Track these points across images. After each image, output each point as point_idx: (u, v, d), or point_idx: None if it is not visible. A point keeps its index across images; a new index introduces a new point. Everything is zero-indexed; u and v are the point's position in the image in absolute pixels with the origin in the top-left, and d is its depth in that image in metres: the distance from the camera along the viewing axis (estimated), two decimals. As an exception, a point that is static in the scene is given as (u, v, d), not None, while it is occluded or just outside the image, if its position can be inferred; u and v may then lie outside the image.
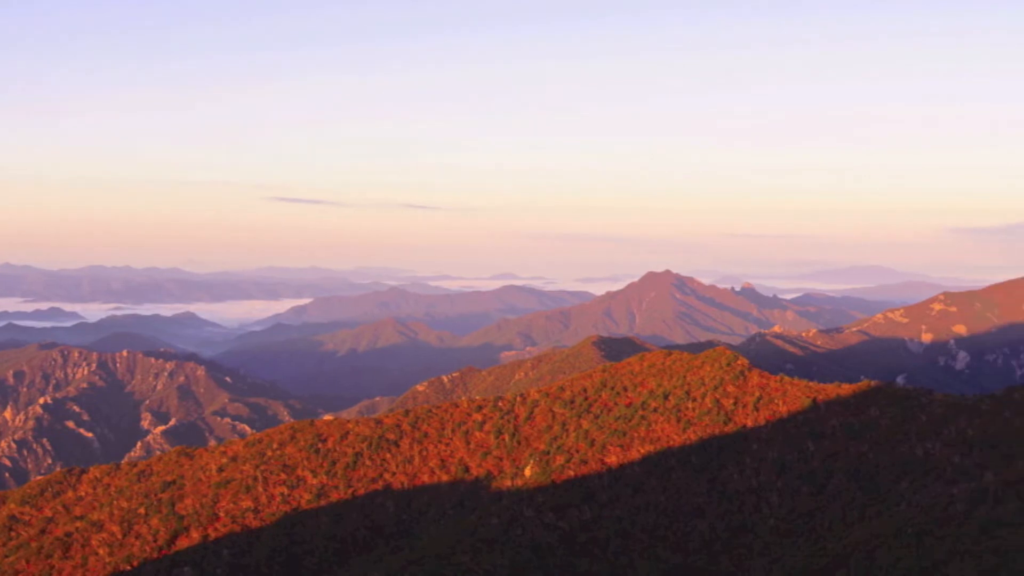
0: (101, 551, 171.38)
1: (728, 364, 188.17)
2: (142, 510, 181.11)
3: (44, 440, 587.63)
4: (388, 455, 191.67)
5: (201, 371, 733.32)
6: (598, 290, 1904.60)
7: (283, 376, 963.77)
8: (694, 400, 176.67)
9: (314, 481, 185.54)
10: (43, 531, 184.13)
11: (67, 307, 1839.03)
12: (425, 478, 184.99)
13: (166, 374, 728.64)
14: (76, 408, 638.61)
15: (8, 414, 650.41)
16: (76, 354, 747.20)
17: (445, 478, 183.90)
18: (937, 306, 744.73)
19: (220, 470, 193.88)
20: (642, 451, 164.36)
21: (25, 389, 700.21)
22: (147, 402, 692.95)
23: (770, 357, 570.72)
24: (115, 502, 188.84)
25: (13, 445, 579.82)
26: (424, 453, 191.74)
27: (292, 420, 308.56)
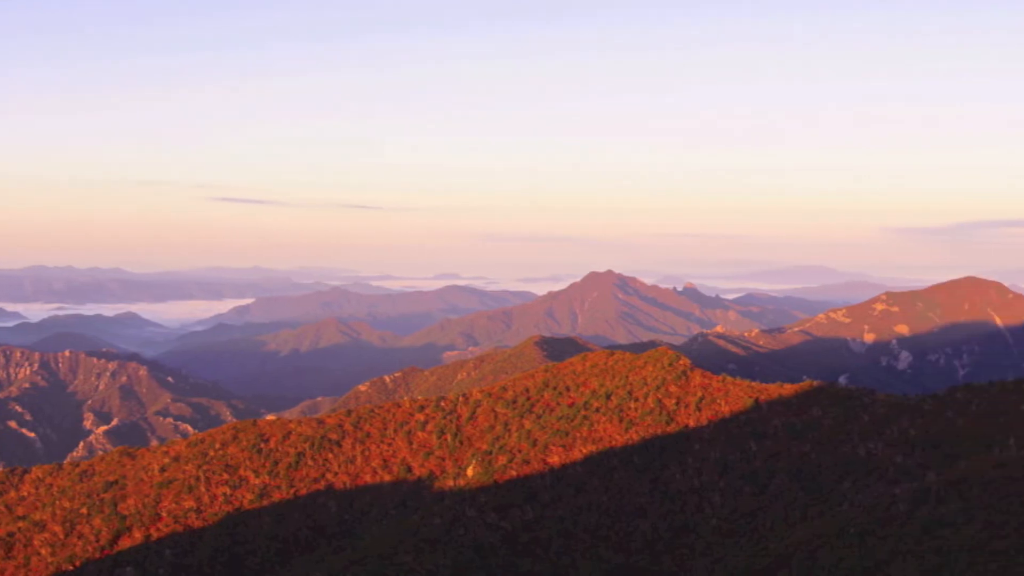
0: (43, 551, 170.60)
1: (670, 364, 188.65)
2: (84, 510, 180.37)
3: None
4: (330, 455, 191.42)
5: (143, 371, 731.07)
6: (540, 290, 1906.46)
7: (225, 376, 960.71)
8: (636, 400, 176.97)
9: (256, 481, 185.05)
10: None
11: (9, 307, 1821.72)
12: (367, 478, 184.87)
13: (108, 374, 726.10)
14: (18, 408, 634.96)
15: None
16: (18, 354, 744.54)
17: (387, 478, 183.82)
18: (879, 306, 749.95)
19: (162, 470, 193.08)
20: (584, 451, 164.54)
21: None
22: (89, 402, 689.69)
23: (712, 357, 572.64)
24: (57, 502, 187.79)
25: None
26: (366, 453, 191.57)
27: (234, 420, 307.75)
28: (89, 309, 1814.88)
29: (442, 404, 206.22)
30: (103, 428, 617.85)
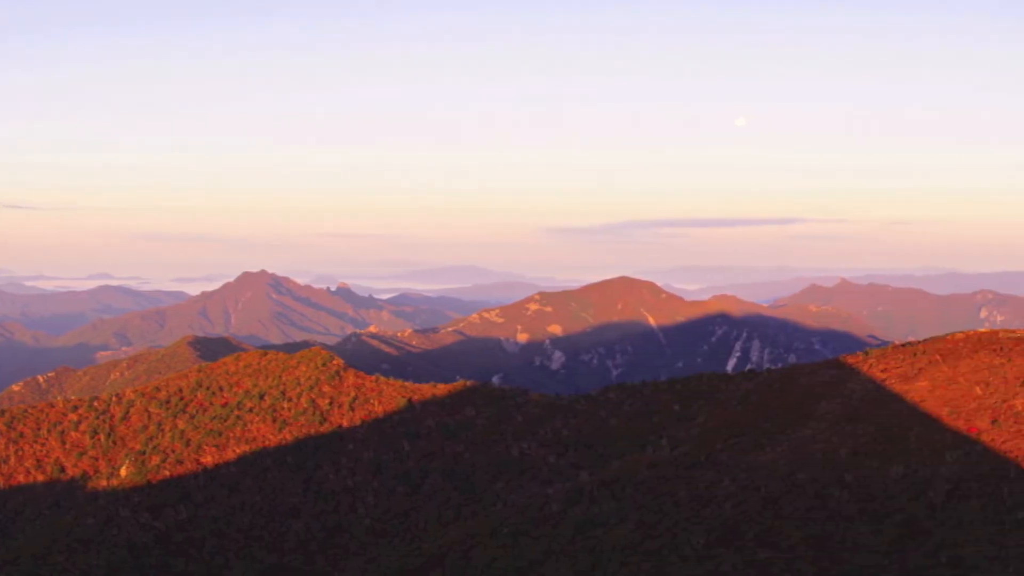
0: None
1: (324, 364, 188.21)
2: None
3: None
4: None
5: None
6: (194, 290, 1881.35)
7: None
8: (290, 400, 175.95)
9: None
10: None
11: None
12: (21, 478, 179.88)
13: None
14: None
15: None
16: None
17: (41, 478, 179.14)
18: (532, 306, 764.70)
19: None
20: (238, 451, 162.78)
21: None
22: None
23: (366, 357, 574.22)
24: None
25: None
26: (20, 453, 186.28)
27: None
28: None
29: (95, 404, 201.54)
30: None
